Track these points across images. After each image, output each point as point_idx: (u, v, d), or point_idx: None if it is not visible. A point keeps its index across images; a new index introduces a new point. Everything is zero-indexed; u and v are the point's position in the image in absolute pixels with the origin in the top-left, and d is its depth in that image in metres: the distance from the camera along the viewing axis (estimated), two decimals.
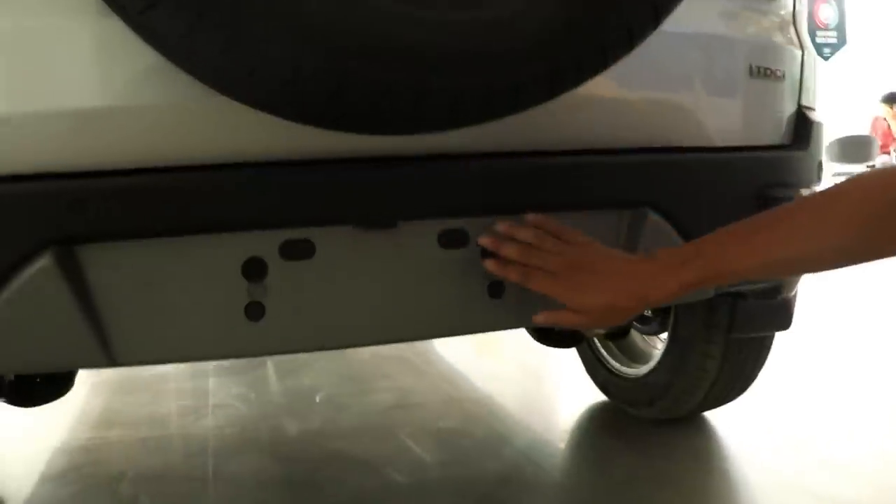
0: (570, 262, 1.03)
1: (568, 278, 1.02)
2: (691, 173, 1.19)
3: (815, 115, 1.37)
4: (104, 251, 0.98)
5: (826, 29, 9.57)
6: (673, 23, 1.15)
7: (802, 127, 1.33)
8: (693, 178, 1.17)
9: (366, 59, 0.82)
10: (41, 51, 0.93)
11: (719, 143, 1.22)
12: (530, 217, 1.08)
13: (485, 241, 1.06)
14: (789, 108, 1.33)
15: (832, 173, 5.91)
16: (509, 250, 1.05)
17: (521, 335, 2.13)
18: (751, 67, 1.23)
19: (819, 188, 1.38)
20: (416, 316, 1.10)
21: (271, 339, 1.05)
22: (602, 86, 1.12)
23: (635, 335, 2.01)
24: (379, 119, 0.89)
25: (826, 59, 9.28)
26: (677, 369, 1.80)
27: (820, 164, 1.37)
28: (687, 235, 1.15)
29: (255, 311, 1.03)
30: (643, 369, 1.93)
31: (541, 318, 1.06)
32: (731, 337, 1.63)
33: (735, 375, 1.75)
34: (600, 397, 2.14)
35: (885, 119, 7.57)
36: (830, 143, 6.11)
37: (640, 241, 1.16)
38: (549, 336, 1.98)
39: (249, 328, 1.03)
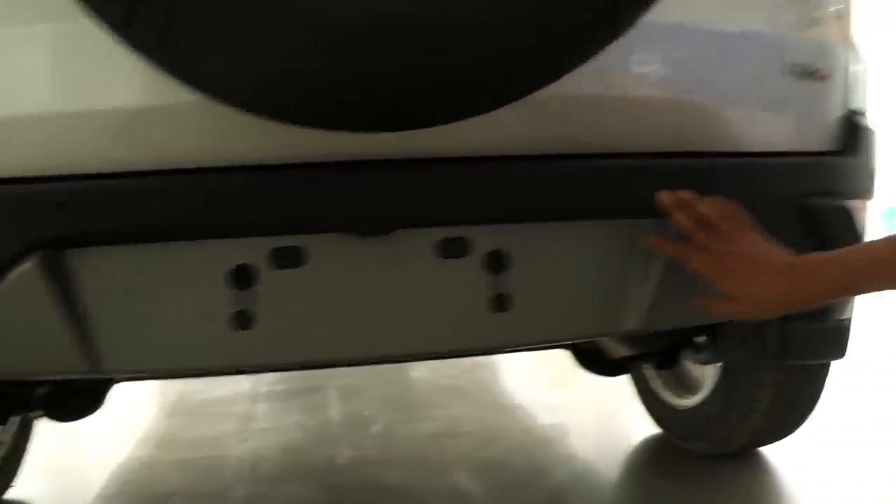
0: (734, 250, 1.01)
1: (732, 264, 1.01)
2: (719, 180, 1.09)
3: (867, 121, 1.25)
4: (90, 256, 0.97)
5: None
6: (698, 17, 1.08)
7: (851, 132, 1.22)
8: (721, 185, 1.07)
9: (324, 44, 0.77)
10: (23, 56, 0.93)
11: (750, 148, 1.12)
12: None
13: (664, 197, 1.02)
14: (835, 112, 1.21)
15: None
16: (682, 219, 1.02)
17: None
18: (786, 66, 1.13)
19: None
20: (413, 330, 1.04)
21: (261, 350, 1.01)
22: (618, 84, 1.06)
23: (688, 364, 1.88)
24: (352, 110, 0.84)
25: None
26: (729, 400, 1.67)
27: (872, 174, 1.25)
28: None
29: (243, 320, 0.99)
30: (694, 400, 1.81)
31: (697, 304, 1.04)
32: (782, 364, 1.51)
33: (789, 407, 1.61)
34: (658, 430, 2.02)
35: None
36: None
37: None
38: (593, 362, 1.88)
39: (238, 338, 1.00)
